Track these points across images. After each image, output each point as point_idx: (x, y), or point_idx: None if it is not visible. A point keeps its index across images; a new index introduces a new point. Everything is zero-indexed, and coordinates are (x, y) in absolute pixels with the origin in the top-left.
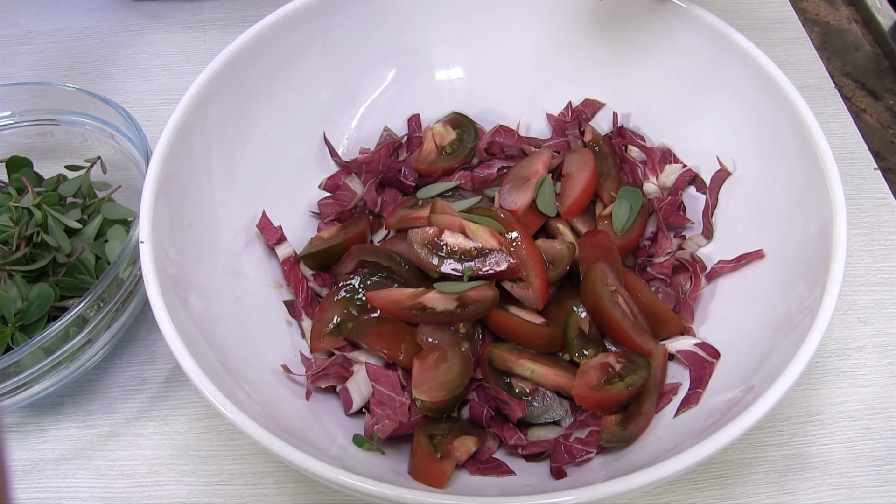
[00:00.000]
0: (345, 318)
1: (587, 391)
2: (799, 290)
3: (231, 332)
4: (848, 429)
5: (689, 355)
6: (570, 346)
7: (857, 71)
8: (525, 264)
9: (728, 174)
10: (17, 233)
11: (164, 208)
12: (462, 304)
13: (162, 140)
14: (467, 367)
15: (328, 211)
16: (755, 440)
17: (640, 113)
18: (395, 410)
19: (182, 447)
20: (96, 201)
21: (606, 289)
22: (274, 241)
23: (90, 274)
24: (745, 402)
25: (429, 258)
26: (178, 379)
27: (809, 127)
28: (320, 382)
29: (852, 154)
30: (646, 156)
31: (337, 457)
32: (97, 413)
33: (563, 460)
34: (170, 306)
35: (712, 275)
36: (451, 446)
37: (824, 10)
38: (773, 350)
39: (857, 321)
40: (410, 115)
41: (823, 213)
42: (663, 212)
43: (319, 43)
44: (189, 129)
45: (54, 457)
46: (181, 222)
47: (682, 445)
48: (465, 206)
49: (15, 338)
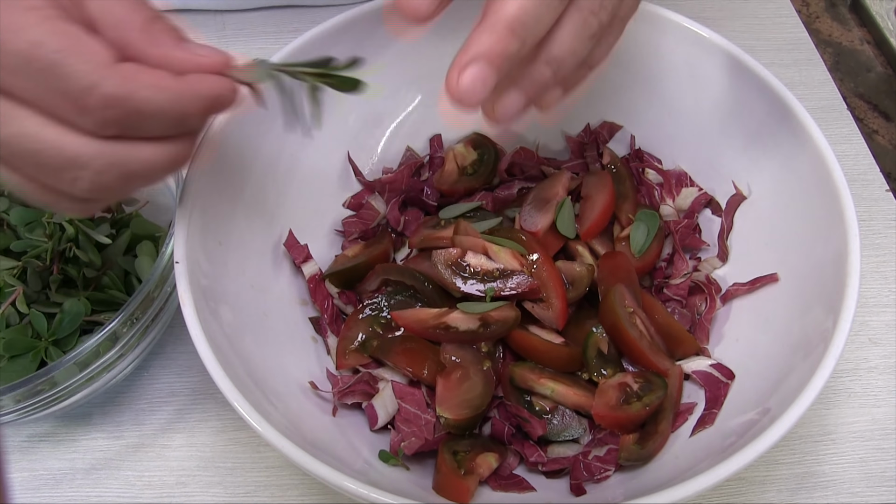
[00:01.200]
0: (370, 335)
1: (606, 410)
2: (814, 314)
3: (259, 347)
4: (860, 448)
5: (705, 376)
6: (589, 366)
7: (869, 92)
8: (545, 285)
9: (743, 198)
10: (51, 247)
11: (197, 228)
12: (484, 324)
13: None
14: (489, 386)
15: (352, 229)
16: (768, 458)
17: (657, 136)
18: (420, 428)
19: (209, 458)
20: (124, 216)
21: (625, 310)
22: (301, 259)
23: (119, 288)
24: (761, 425)
25: (452, 278)
26: (205, 391)
27: (823, 154)
28: (346, 399)
29: (864, 175)
30: (662, 179)
31: (362, 471)
32: (126, 424)
33: (582, 477)
34: (204, 325)
35: (727, 297)
36: (474, 463)
37: (837, 31)
38: (790, 373)
39: (868, 342)
40: (432, 136)
41: (837, 240)
42: (679, 234)
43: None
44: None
45: (84, 466)
46: (213, 241)
47: (699, 466)
48: (486, 227)
49: (49, 352)
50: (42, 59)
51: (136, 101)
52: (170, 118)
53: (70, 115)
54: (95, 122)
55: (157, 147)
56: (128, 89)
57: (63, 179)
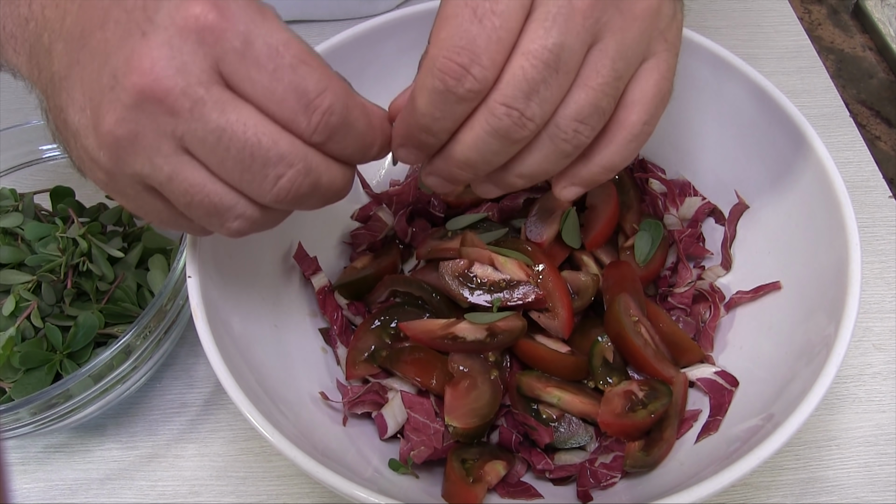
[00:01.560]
0: (379, 346)
1: (612, 418)
2: (816, 321)
3: (270, 358)
4: (864, 454)
5: (709, 383)
6: (595, 375)
7: (871, 98)
8: (551, 295)
9: (746, 207)
10: (65, 262)
11: (208, 242)
12: (492, 334)
13: None
14: (497, 394)
15: (360, 241)
16: (773, 464)
17: (660, 146)
18: (429, 437)
19: (221, 468)
20: (136, 229)
21: (630, 319)
22: (310, 271)
23: (132, 301)
24: (765, 431)
25: (460, 289)
26: (217, 402)
27: (824, 163)
28: (356, 409)
29: (867, 182)
30: (666, 188)
31: (372, 479)
32: (139, 435)
33: (589, 484)
34: (216, 337)
35: (731, 305)
36: (483, 471)
37: (839, 38)
38: (793, 379)
39: (872, 347)
40: None
41: (839, 247)
42: (683, 243)
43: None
44: None
45: (99, 476)
46: (223, 255)
47: (704, 472)
48: (492, 238)
49: (64, 365)
50: (288, 57)
51: (352, 115)
52: (364, 142)
53: (293, 115)
54: (314, 125)
55: (342, 169)
56: (350, 102)
57: (266, 177)
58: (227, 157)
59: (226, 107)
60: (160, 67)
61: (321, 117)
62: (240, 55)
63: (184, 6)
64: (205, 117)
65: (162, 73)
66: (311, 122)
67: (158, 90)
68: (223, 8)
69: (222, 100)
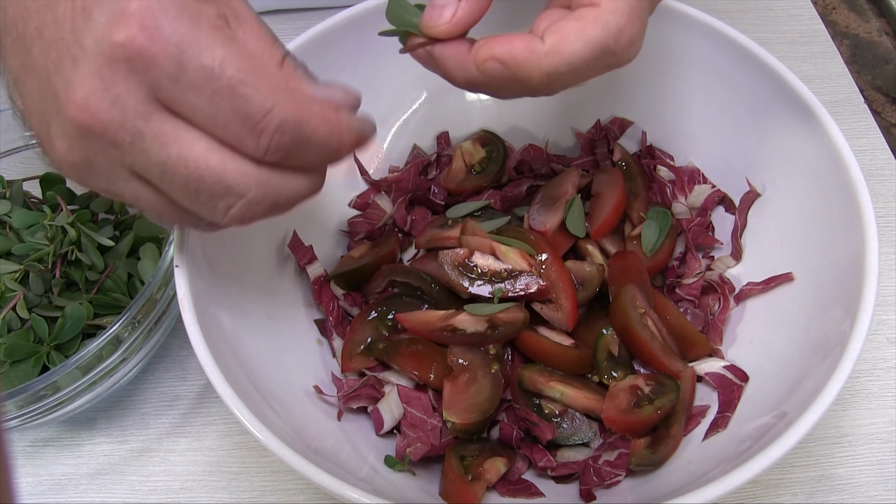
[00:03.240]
0: (376, 338)
1: (617, 414)
2: (831, 315)
3: (263, 351)
4: (877, 451)
5: (718, 378)
6: (600, 369)
7: (887, 85)
8: (555, 286)
9: (757, 195)
10: (53, 251)
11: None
12: (492, 326)
13: None
14: (497, 389)
15: (358, 229)
16: (783, 461)
17: (669, 132)
18: (426, 433)
19: (214, 463)
20: (128, 217)
21: (636, 311)
22: (305, 260)
23: (122, 292)
24: (777, 429)
25: (459, 280)
26: (210, 395)
27: (840, 150)
28: (352, 403)
29: (882, 171)
30: (674, 176)
31: (367, 478)
32: (130, 429)
33: (592, 482)
34: (205, 330)
35: (741, 296)
36: (482, 468)
37: (854, 22)
38: (806, 375)
39: (886, 341)
40: (440, 133)
41: (854, 239)
42: (692, 232)
43: (350, 66)
44: None
45: (89, 471)
46: (214, 243)
47: (713, 472)
48: (494, 227)
49: (51, 357)
50: (226, 78)
51: (307, 129)
52: (328, 150)
53: (239, 139)
54: (263, 148)
55: (304, 178)
56: (301, 116)
57: (215, 207)
58: (174, 189)
59: (166, 140)
60: (95, 101)
61: (270, 138)
62: (174, 81)
63: (110, 30)
64: (146, 152)
65: (97, 106)
66: (261, 144)
67: (97, 125)
68: (151, 28)
69: (162, 132)
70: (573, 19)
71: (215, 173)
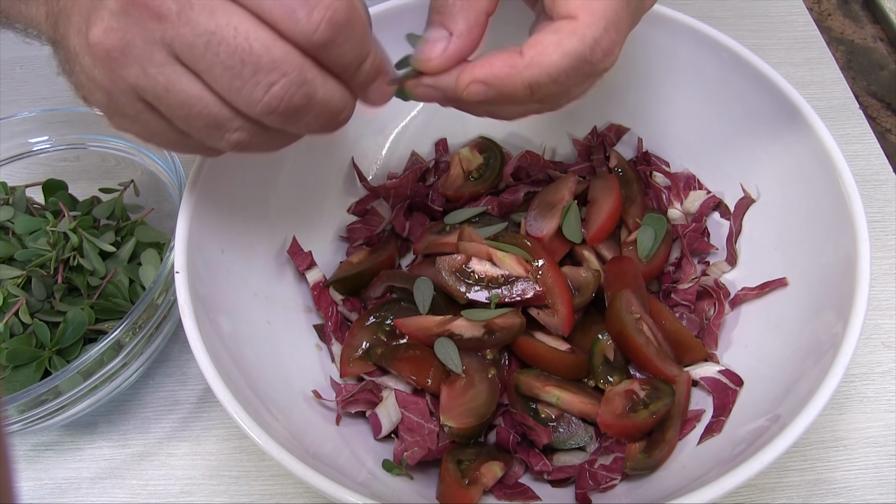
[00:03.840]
0: (374, 343)
1: (612, 419)
2: (824, 318)
3: (262, 356)
4: (873, 455)
5: (713, 382)
6: (596, 373)
7: (882, 90)
8: (551, 292)
9: (752, 201)
10: (55, 256)
11: (198, 237)
12: (489, 331)
13: (195, 169)
14: (494, 393)
15: (357, 235)
16: (779, 465)
17: (664, 138)
18: (424, 437)
19: (214, 467)
20: (129, 223)
21: (631, 317)
22: (304, 266)
23: (124, 297)
24: (771, 433)
25: (456, 285)
26: (210, 400)
27: (832, 156)
28: (350, 408)
29: (877, 176)
30: (670, 182)
31: (365, 482)
32: (131, 433)
33: (588, 486)
34: (204, 335)
35: (736, 301)
36: (479, 472)
37: (849, 28)
38: (800, 379)
39: (881, 345)
40: (438, 140)
41: (847, 243)
42: (688, 238)
43: None
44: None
45: (90, 475)
46: (215, 250)
47: (707, 475)
48: (491, 233)
49: (52, 361)
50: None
51: (350, 24)
52: (360, 51)
53: (288, 19)
54: (314, 23)
55: (339, 87)
56: (347, 11)
57: (258, 83)
58: (217, 63)
59: (215, 10)
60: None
61: (324, 13)
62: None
63: None
64: (192, 21)
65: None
66: (313, 18)
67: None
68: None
69: (211, 3)
70: (552, 32)
71: (264, 44)
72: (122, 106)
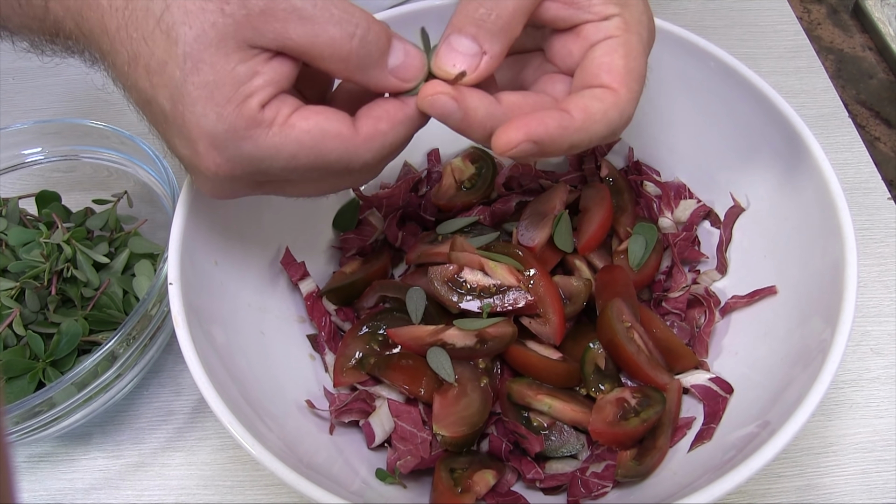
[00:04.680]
0: (367, 353)
1: (603, 427)
2: (812, 325)
3: (256, 366)
4: (862, 460)
5: (703, 390)
6: (587, 382)
7: (871, 99)
8: (542, 301)
9: (742, 210)
10: (48, 268)
11: (192, 249)
12: (481, 341)
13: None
14: (487, 402)
15: (350, 245)
16: (769, 471)
17: (655, 148)
18: (416, 446)
19: (208, 477)
20: (123, 235)
21: (622, 325)
22: (297, 277)
23: (118, 308)
24: (761, 439)
25: (449, 295)
26: (204, 410)
27: (820, 165)
28: (344, 417)
29: (866, 184)
30: (661, 191)
31: (359, 491)
32: (125, 443)
33: (580, 494)
34: (198, 346)
35: (726, 309)
36: (472, 480)
37: (839, 37)
38: (789, 385)
39: (870, 352)
40: (430, 150)
41: (835, 252)
42: (678, 247)
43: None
44: None
45: (84, 486)
46: (208, 261)
47: (697, 482)
48: (483, 242)
49: (46, 373)
50: (305, 157)
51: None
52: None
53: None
54: (365, 177)
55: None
56: (378, 145)
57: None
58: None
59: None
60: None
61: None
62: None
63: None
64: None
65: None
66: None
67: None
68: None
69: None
70: (596, 100)
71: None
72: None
